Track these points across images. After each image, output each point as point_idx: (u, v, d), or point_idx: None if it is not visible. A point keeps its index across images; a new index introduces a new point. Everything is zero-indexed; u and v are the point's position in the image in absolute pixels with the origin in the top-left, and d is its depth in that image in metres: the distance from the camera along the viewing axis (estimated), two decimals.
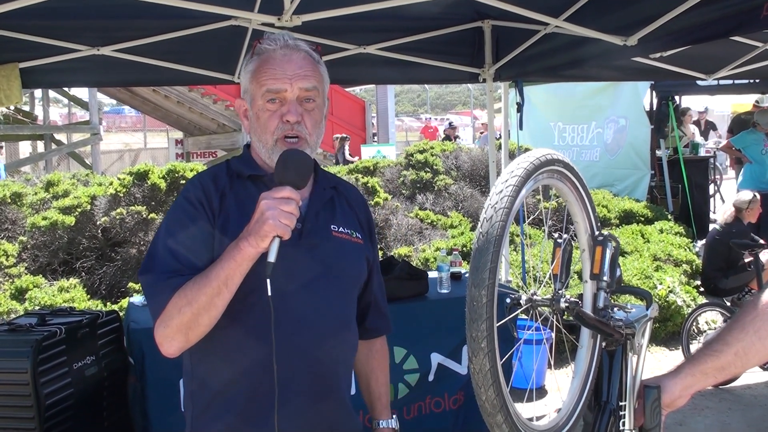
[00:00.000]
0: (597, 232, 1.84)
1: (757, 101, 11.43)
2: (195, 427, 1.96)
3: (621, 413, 1.78)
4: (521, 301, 1.62)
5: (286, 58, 1.92)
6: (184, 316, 1.76)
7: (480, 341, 1.42)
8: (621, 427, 1.77)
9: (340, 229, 2.02)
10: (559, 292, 1.65)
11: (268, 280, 1.72)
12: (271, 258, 1.71)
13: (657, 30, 3.93)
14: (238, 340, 1.88)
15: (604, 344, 1.86)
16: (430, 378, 4.58)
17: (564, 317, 1.68)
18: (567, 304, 1.60)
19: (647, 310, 1.90)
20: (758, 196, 7.01)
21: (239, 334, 1.88)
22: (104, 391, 4.03)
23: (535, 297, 1.62)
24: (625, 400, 1.79)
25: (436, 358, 4.57)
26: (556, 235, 1.83)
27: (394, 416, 2.30)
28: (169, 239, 1.87)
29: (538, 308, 1.64)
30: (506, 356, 1.55)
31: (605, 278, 1.79)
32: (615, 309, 1.84)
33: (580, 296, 1.85)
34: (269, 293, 1.72)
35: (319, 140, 1.99)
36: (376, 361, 2.30)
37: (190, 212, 1.90)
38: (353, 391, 2.50)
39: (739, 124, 11.45)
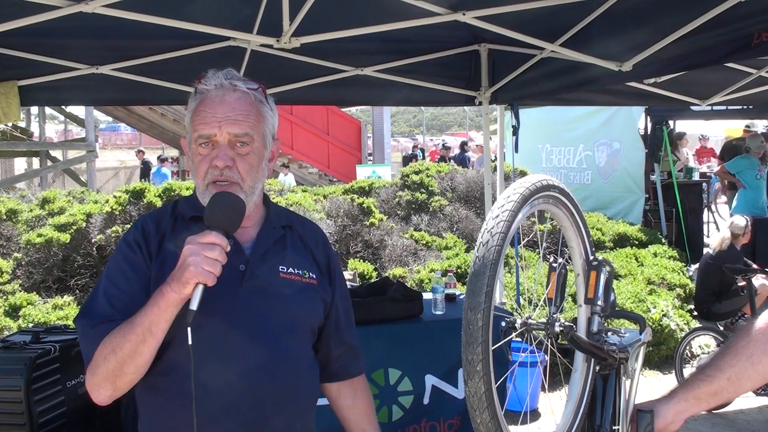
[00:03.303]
0: (592, 257, 1.86)
1: (747, 126, 11.53)
2: None
3: None
4: (516, 325, 1.63)
5: (218, 100, 1.86)
6: (110, 364, 1.72)
7: (475, 364, 1.44)
8: None
9: (290, 269, 1.95)
10: (554, 316, 1.67)
11: (189, 329, 1.66)
12: (193, 306, 1.65)
13: (651, 56, 3.97)
14: (162, 389, 1.84)
15: (597, 368, 1.87)
16: (425, 401, 4.57)
17: (558, 341, 1.69)
18: (561, 328, 1.62)
19: (641, 334, 1.92)
20: (749, 221, 7.05)
21: (163, 382, 1.84)
22: (97, 410, 4.01)
23: (530, 321, 1.64)
24: (619, 425, 1.80)
25: (430, 380, 4.56)
26: (551, 258, 1.84)
27: None
28: (107, 284, 1.84)
29: (533, 332, 1.66)
30: (501, 379, 1.56)
31: (599, 303, 1.80)
32: (609, 333, 1.86)
33: (575, 320, 1.86)
34: (189, 341, 1.66)
35: (257, 184, 1.91)
36: (352, 399, 2.20)
37: (128, 256, 1.86)
38: None
39: (730, 150, 11.54)
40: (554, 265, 1.80)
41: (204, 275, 1.64)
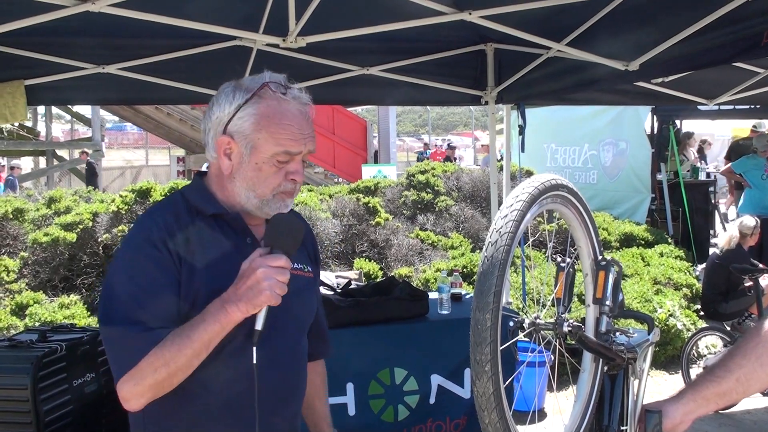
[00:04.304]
0: (600, 257, 1.85)
1: (754, 126, 11.50)
2: None
3: None
4: (524, 325, 1.63)
5: (302, 117, 1.86)
6: (159, 375, 1.69)
7: (484, 364, 1.43)
8: None
9: (295, 265, 1.93)
10: (562, 316, 1.66)
11: (255, 348, 1.67)
12: (259, 326, 1.67)
13: (659, 55, 3.96)
14: (216, 399, 1.83)
15: (606, 368, 1.86)
16: (431, 400, 4.57)
17: (566, 341, 1.69)
18: (570, 328, 1.61)
19: (649, 334, 1.91)
20: (758, 222, 7.03)
21: (218, 396, 1.83)
22: (103, 409, 4.02)
23: (538, 321, 1.63)
24: (627, 425, 1.79)
25: (436, 380, 4.56)
26: (559, 258, 1.84)
27: None
28: (134, 286, 1.75)
29: (541, 332, 1.65)
30: (509, 379, 1.55)
31: (608, 303, 1.80)
32: (617, 333, 1.85)
33: (583, 320, 1.85)
34: (254, 360, 1.68)
35: None
36: (320, 381, 2.28)
37: (154, 256, 1.77)
38: None
39: (737, 149, 11.51)
40: (562, 264, 1.80)
41: (276, 299, 1.66)
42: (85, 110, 20.43)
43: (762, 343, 1.68)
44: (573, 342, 1.68)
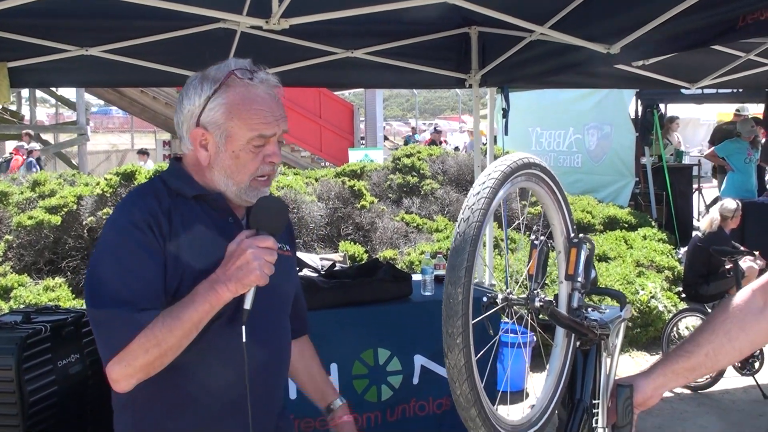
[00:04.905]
0: (572, 234, 1.89)
1: (738, 110, 11.58)
2: None
3: (594, 411, 1.83)
4: (497, 300, 1.66)
5: (271, 98, 1.88)
6: (150, 356, 1.71)
7: (455, 337, 1.47)
8: (594, 425, 1.81)
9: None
10: (535, 291, 1.70)
11: (243, 327, 1.73)
12: (247, 305, 1.73)
13: (639, 38, 3.99)
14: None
15: (578, 343, 1.90)
16: (415, 380, 4.62)
17: (539, 317, 1.72)
18: (542, 304, 1.64)
19: (621, 311, 1.95)
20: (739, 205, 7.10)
21: (207, 375, 1.86)
22: (88, 389, 4.03)
23: (510, 296, 1.67)
24: (598, 399, 1.84)
25: (419, 360, 4.61)
26: (533, 236, 1.88)
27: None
28: (121, 269, 1.77)
29: (514, 307, 1.69)
30: (481, 353, 1.59)
31: (580, 279, 1.83)
32: (589, 309, 1.89)
33: (556, 296, 1.89)
34: (244, 339, 1.74)
35: None
36: (309, 353, 2.33)
37: (140, 239, 1.79)
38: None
39: (721, 134, 11.59)
40: (535, 242, 1.84)
41: (265, 279, 1.71)
42: (70, 94, 20.33)
43: (730, 318, 1.73)
44: (546, 317, 1.72)
